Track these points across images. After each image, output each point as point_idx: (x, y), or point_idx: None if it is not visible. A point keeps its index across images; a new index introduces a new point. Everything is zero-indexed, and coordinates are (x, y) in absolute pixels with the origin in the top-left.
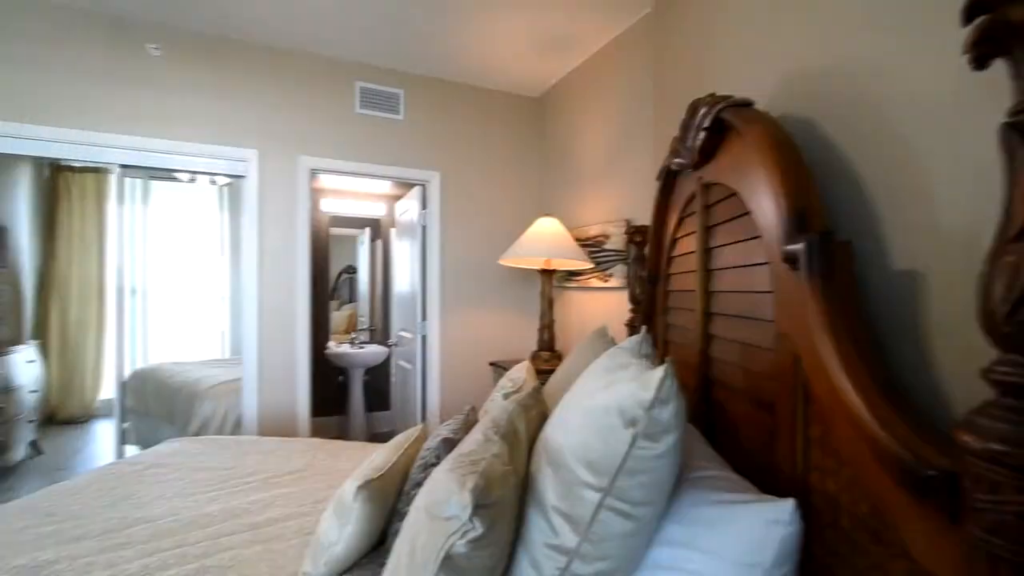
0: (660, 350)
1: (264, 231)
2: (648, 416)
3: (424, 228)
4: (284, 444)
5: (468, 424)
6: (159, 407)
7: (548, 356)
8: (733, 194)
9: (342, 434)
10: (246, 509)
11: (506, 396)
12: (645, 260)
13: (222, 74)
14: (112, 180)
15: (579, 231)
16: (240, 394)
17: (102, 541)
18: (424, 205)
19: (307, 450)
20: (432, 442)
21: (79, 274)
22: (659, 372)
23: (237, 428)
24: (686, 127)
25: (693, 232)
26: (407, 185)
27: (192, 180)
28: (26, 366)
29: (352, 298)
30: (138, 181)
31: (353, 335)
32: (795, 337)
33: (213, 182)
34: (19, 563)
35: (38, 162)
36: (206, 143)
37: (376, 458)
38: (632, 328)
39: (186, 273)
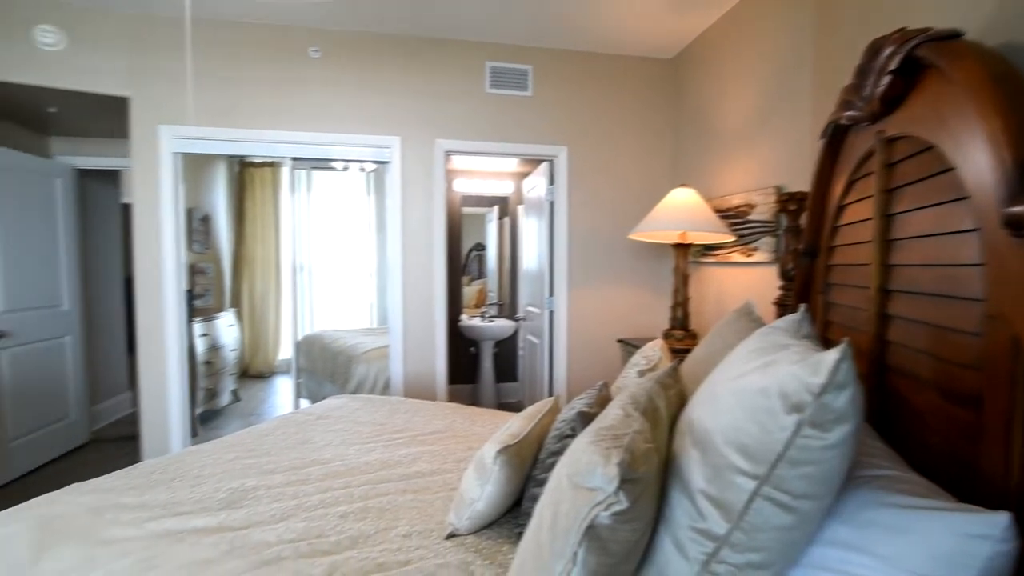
0: (819, 331)
1: (406, 212)
2: (818, 402)
3: (551, 204)
4: (426, 406)
5: (602, 399)
6: (323, 367)
7: (681, 335)
8: (927, 148)
9: (474, 401)
10: (398, 461)
11: (641, 373)
12: (801, 231)
13: (368, 67)
14: (284, 172)
15: (719, 201)
16: (387, 359)
17: (288, 476)
18: (551, 180)
19: (446, 413)
20: (567, 414)
21: (261, 253)
22: (833, 354)
23: (386, 389)
24: (863, 72)
25: (868, 196)
26: (534, 162)
27: (345, 168)
28: (227, 329)
29: (481, 274)
30: (303, 171)
31: (483, 309)
32: (1017, 319)
33: (362, 169)
34: (232, 486)
35: (230, 159)
36: (357, 133)
37: (512, 426)
38: (782, 307)
39: (340, 251)
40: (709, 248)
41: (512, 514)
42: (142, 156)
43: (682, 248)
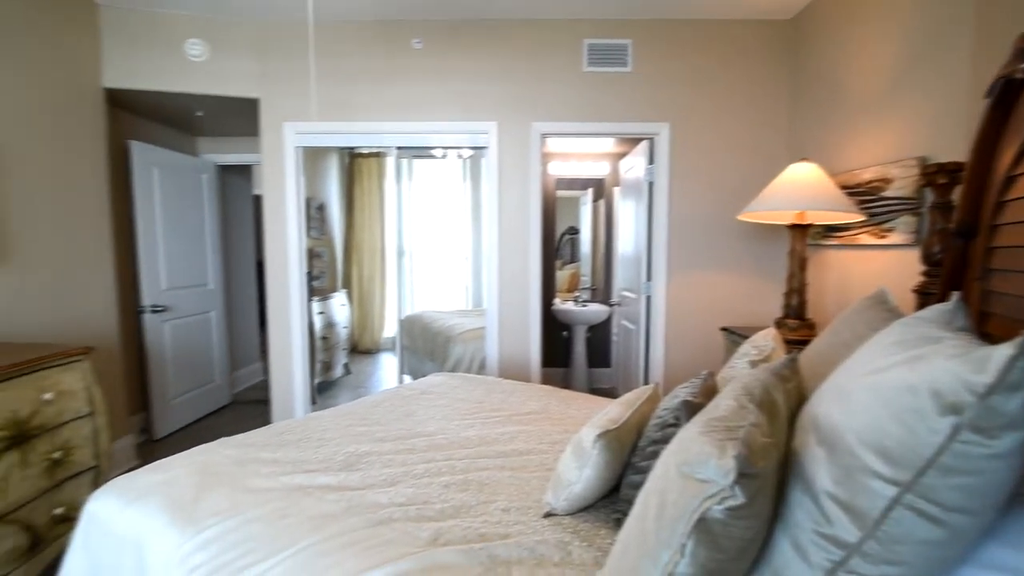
0: (973, 324)
1: (502, 196)
2: (982, 405)
3: (651, 184)
4: (521, 387)
5: (707, 389)
6: (424, 346)
7: (796, 324)
8: None
9: (566, 385)
10: (495, 439)
11: (752, 364)
12: (952, 208)
13: (466, 55)
14: (389, 161)
15: (846, 176)
16: (483, 341)
17: (396, 444)
18: (651, 160)
19: (541, 395)
20: (670, 403)
21: (368, 238)
22: (1006, 349)
23: (481, 369)
24: None
25: None
26: (633, 141)
27: (444, 156)
28: (340, 308)
29: (574, 258)
30: (404, 160)
31: (576, 294)
32: None
33: (460, 155)
34: (349, 450)
35: (341, 151)
36: (456, 120)
37: (610, 411)
38: (924, 295)
39: (438, 236)
40: (832, 229)
41: (609, 499)
42: (270, 151)
43: (800, 229)
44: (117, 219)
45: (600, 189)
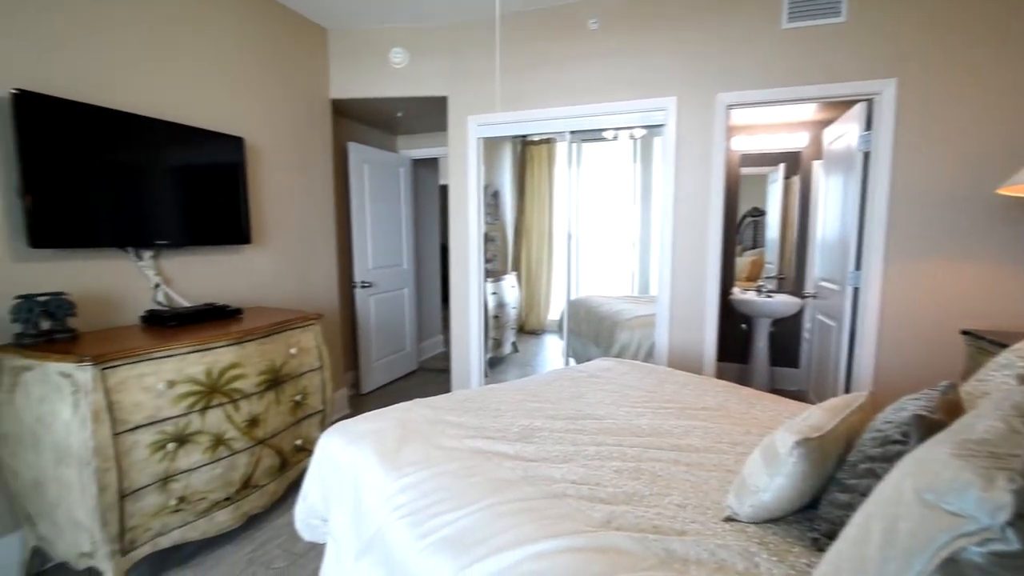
0: None
1: (679, 176)
2: None
3: (866, 155)
4: (696, 380)
5: (947, 404)
6: (588, 330)
7: None
8: None
9: (743, 383)
10: (668, 431)
11: (1021, 380)
12: None
13: (644, 28)
14: (561, 146)
15: None
16: (650, 328)
17: (567, 424)
18: (867, 126)
19: (719, 391)
20: (895, 416)
21: (537, 223)
22: None
23: (648, 357)
24: None
25: None
26: (841, 105)
27: (615, 137)
28: (510, 289)
29: (755, 243)
30: (574, 144)
31: (759, 283)
32: None
33: (632, 136)
34: (523, 423)
35: (514, 139)
36: (631, 99)
37: (810, 416)
38: None
39: (604, 220)
40: None
41: (803, 514)
42: (455, 144)
43: None
44: (336, 209)
45: (795, 164)
